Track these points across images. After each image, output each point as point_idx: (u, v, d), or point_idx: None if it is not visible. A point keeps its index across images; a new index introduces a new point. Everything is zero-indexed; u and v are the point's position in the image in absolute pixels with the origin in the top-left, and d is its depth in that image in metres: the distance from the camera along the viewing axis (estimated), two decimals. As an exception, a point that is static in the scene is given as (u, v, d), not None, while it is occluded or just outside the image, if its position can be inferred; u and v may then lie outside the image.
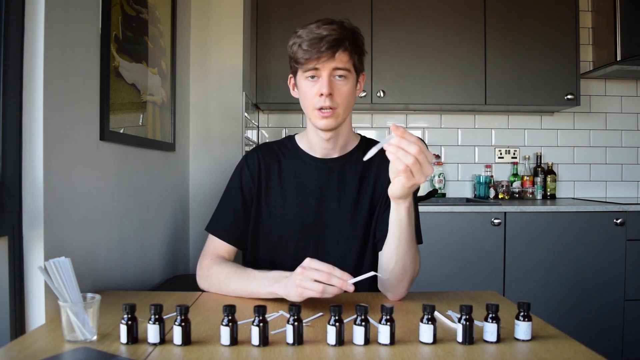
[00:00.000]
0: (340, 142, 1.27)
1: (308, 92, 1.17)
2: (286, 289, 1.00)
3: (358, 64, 1.19)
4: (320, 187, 1.26)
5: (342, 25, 1.15)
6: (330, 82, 1.14)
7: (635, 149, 3.12)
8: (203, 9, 2.18)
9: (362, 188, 1.26)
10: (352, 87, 1.18)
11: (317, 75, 1.15)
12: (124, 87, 1.42)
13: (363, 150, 1.26)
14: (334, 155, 1.28)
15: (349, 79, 1.16)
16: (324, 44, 1.11)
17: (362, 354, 0.81)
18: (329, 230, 1.24)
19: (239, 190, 1.28)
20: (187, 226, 2.12)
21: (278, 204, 1.26)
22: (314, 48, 1.11)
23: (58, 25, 1.07)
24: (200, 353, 0.81)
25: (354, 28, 1.18)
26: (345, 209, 1.24)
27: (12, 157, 0.98)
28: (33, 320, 1.01)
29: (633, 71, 2.87)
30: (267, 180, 1.28)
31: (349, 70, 1.16)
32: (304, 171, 1.27)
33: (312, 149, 1.29)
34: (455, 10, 2.76)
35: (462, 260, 2.46)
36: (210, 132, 2.19)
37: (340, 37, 1.12)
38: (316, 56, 1.12)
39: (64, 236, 1.09)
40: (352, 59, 1.16)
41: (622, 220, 2.47)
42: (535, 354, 0.81)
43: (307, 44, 1.12)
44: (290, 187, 1.26)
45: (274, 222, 1.26)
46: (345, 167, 1.27)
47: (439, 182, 3.04)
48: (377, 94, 2.75)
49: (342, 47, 1.13)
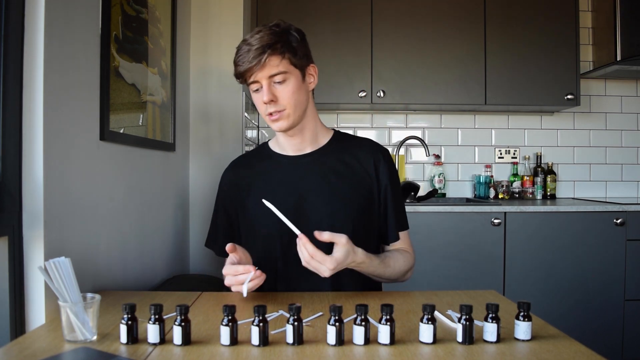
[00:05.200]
0: (308, 136, 1.30)
1: (257, 102, 1.23)
2: None
3: (296, 60, 1.20)
4: (297, 182, 1.28)
5: (271, 30, 1.17)
6: (270, 89, 1.18)
7: (635, 149, 3.12)
8: (203, 9, 2.18)
9: (339, 179, 1.28)
10: (296, 86, 1.20)
11: (258, 86, 1.20)
12: (124, 87, 1.42)
13: (337, 143, 1.33)
14: (306, 150, 1.31)
15: (289, 80, 1.19)
16: (251, 55, 1.15)
17: (362, 353, 0.81)
18: (311, 224, 1.24)
19: (222, 207, 1.37)
20: (187, 226, 2.12)
21: (258, 207, 1.27)
22: (243, 62, 1.16)
23: (58, 25, 1.07)
24: (200, 353, 0.81)
25: (283, 30, 1.19)
26: (324, 201, 1.26)
27: (12, 157, 0.98)
28: (33, 320, 1.01)
29: (633, 71, 2.87)
30: (247, 189, 1.32)
31: (285, 72, 1.18)
32: (278, 171, 1.31)
33: (283, 149, 1.33)
34: (455, 10, 2.76)
35: (462, 260, 2.46)
36: (210, 132, 2.19)
37: (264, 44, 1.14)
38: (247, 66, 1.15)
39: (64, 236, 1.09)
40: (285, 59, 1.18)
41: (622, 220, 2.47)
42: (535, 354, 0.81)
43: (238, 59, 1.17)
44: (268, 189, 1.29)
45: (257, 225, 1.29)
46: (319, 160, 1.30)
47: (439, 182, 3.04)
48: (377, 94, 2.75)
49: (268, 52, 1.15)
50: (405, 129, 3.10)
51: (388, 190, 1.30)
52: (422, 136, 3.08)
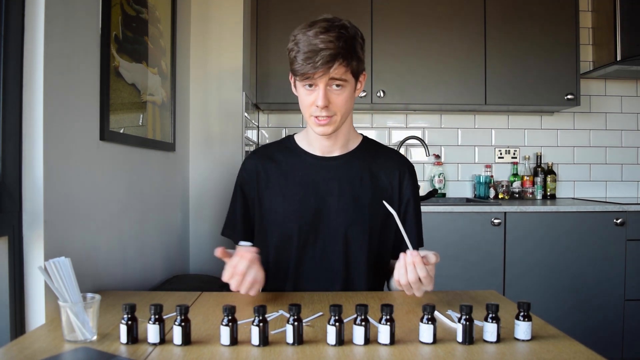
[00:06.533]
0: (341, 140, 1.27)
1: (305, 99, 1.17)
2: None
3: (356, 69, 1.17)
4: (320, 183, 1.26)
5: (340, 34, 1.11)
6: (326, 94, 1.13)
7: (635, 149, 3.12)
8: (203, 9, 2.18)
9: (362, 187, 1.26)
10: (350, 94, 1.17)
11: (314, 84, 1.14)
12: (124, 87, 1.42)
13: (365, 150, 1.30)
14: (334, 153, 1.28)
15: (345, 87, 1.15)
16: (319, 59, 1.09)
17: (362, 354, 0.81)
18: (329, 227, 1.24)
19: (240, 193, 1.31)
20: (187, 226, 2.12)
21: (279, 203, 1.27)
22: (309, 63, 1.10)
23: (58, 25, 1.07)
24: (200, 353, 0.81)
25: (351, 35, 1.14)
26: (345, 206, 1.24)
27: (12, 157, 0.98)
28: (33, 320, 1.01)
29: (633, 71, 2.87)
30: (267, 180, 1.28)
31: (345, 80, 1.14)
32: (303, 169, 1.28)
33: (312, 147, 1.29)
34: (455, 10, 2.76)
35: (462, 260, 2.46)
36: (210, 132, 2.19)
37: (335, 52, 1.09)
38: (312, 71, 1.10)
39: (64, 236, 1.09)
40: (349, 69, 1.14)
41: (622, 220, 2.47)
42: (535, 354, 0.81)
43: (302, 57, 1.10)
44: (290, 185, 1.27)
45: (276, 221, 1.26)
46: (346, 165, 1.28)
47: (439, 182, 3.04)
48: (377, 94, 2.74)
49: (338, 62, 1.10)
50: (405, 129, 3.10)
51: (410, 205, 1.28)
52: (422, 136, 3.08)
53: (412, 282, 1.01)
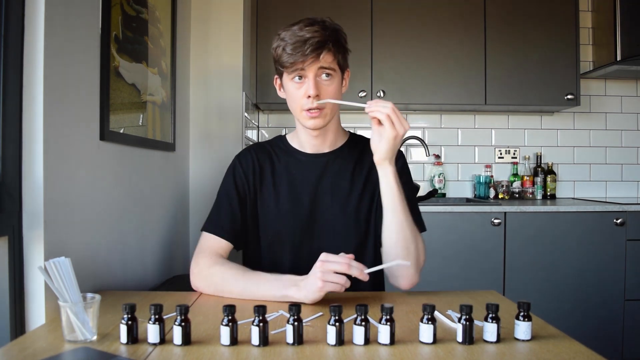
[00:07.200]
0: (330, 137, 1.29)
1: (295, 93, 1.19)
2: (303, 291, 1.02)
3: (342, 62, 1.21)
4: (313, 181, 1.27)
5: (324, 25, 1.16)
6: (316, 83, 1.16)
7: (635, 149, 3.12)
8: (203, 9, 2.18)
9: (353, 182, 1.28)
10: (338, 86, 1.21)
11: (303, 76, 1.17)
12: (124, 87, 1.42)
13: (354, 146, 1.32)
14: (324, 150, 1.30)
15: (334, 77, 1.19)
16: (308, 47, 1.12)
17: (362, 354, 0.81)
18: (323, 224, 1.25)
19: (233, 190, 1.28)
20: (187, 226, 2.12)
21: (272, 201, 1.27)
22: (298, 51, 1.13)
23: (58, 25, 1.07)
24: (200, 353, 0.81)
25: (335, 27, 1.19)
26: (337, 202, 1.26)
27: (12, 157, 0.98)
28: (33, 320, 1.01)
29: (633, 71, 2.87)
30: (261, 178, 1.30)
31: (334, 70, 1.18)
32: (296, 167, 1.30)
33: (302, 147, 1.31)
34: (455, 10, 2.76)
35: (462, 260, 2.46)
36: (210, 132, 2.19)
37: (323, 39, 1.14)
38: (301, 59, 1.13)
39: (64, 236, 1.09)
40: (336, 58, 1.18)
41: (622, 220, 2.47)
42: (535, 354, 0.81)
43: (291, 47, 1.13)
44: (284, 184, 1.28)
45: (269, 219, 1.27)
46: (336, 161, 1.30)
47: (439, 182, 3.04)
48: (377, 94, 2.75)
49: (326, 48, 1.14)
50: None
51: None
52: (422, 136, 3.08)
53: (390, 112, 1.07)
